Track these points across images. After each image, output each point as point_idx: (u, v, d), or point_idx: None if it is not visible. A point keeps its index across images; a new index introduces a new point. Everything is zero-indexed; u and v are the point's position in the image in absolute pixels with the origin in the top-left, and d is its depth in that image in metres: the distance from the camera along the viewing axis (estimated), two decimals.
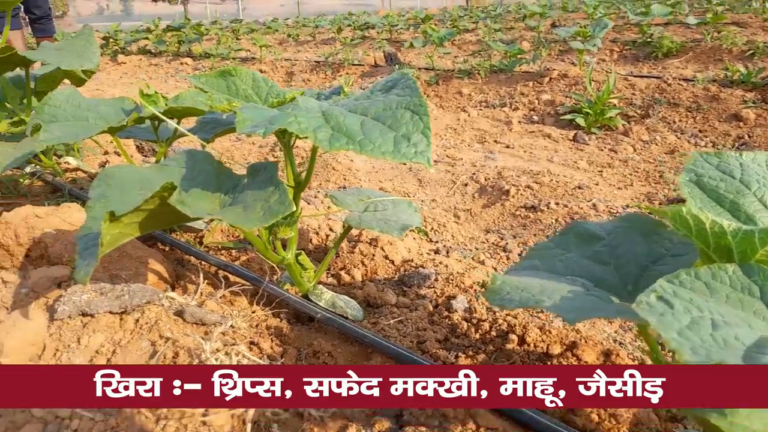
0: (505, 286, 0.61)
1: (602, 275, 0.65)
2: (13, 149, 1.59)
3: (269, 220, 0.74)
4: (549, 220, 1.99)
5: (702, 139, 2.91)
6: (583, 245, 0.70)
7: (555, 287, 0.60)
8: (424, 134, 0.72)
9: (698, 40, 5.19)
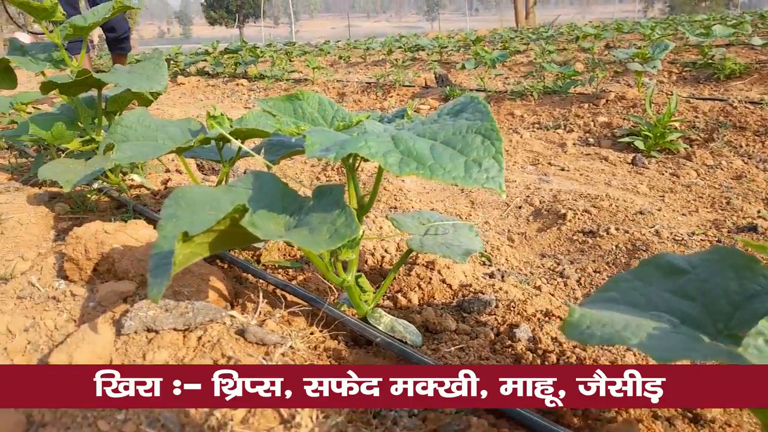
0: (584, 319, 0.58)
1: (689, 311, 0.61)
2: (84, 167, 1.66)
3: (336, 243, 0.74)
4: (609, 246, 1.92)
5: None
6: (666, 278, 0.66)
7: (639, 323, 0.57)
8: (496, 159, 0.70)
9: (764, 62, 4.99)
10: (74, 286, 1.21)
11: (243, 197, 0.88)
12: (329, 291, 1.24)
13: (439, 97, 4.72)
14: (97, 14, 1.65)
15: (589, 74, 5.77)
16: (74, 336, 0.92)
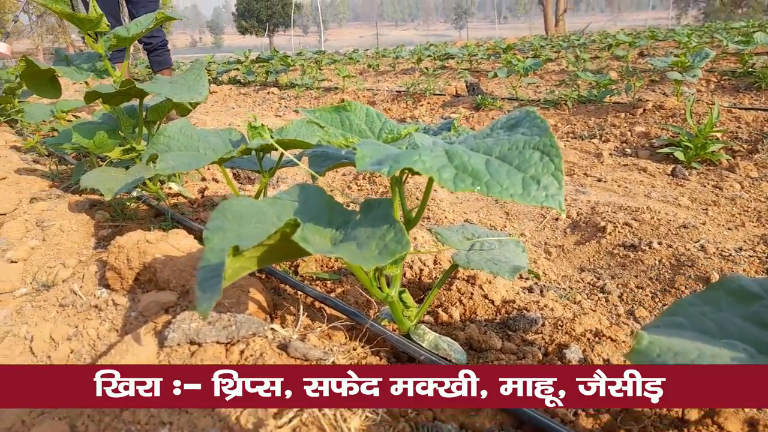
0: (653, 347, 0.55)
1: (765, 340, 0.57)
2: (124, 175, 1.68)
3: (386, 258, 0.72)
4: (651, 261, 1.86)
5: None
6: (738, 304, 0.62)
7: (714, 353, 0.53)
8: (555, 176, 0.67)
9: None
10: (116, 295, 1.21)
11: (289, 210, 0.87)
12: (368, 304, 1.22)
13: (470, 106, 4.68)
14: (140, 25, 1.67)
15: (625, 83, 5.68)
16: (118, 347, 0.92)
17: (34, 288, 1.49)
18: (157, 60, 4.43)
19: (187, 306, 1.10)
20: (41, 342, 1.15)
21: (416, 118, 4.81)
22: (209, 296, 0.70)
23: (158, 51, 4.41)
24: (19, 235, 1.74)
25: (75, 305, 1.25)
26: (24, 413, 0.88)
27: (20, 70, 1.64)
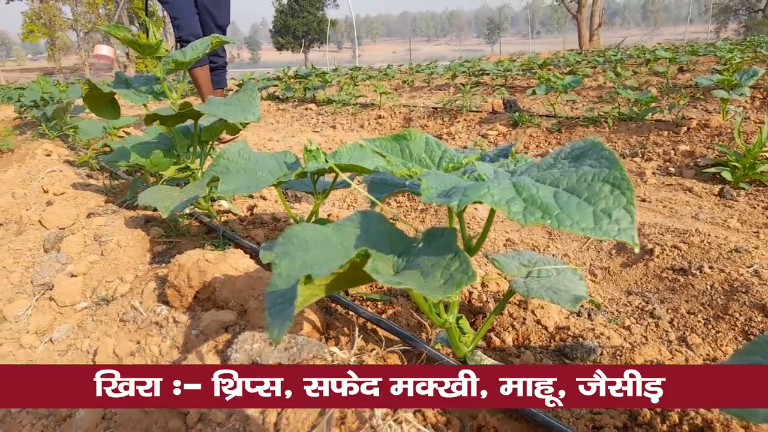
0: None
1: None
2: (179, 193, 1.74)
3: (453, 289, 0.73)
4: (703, 285, 1.82)
5: None
6: None
7: None
8: (627, 210, 0.68)
9: None
10: (176, 312, 1.25)
11: (352, 237, 0.89)
12: (420, 326, 1.23)
13: (507, 123, 4.67)
14: (196, 49, 1.74)
15: (666, 99, 5.57)
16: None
17: (93, 302, 1.55)
18: (216, 80, 4.48)
19: (246, 325, 1.13)
20: (105, 357, 1.20)
21: (453, 135, 4.82)
22: (280, 322, 0.72)
23: (219, 71, 4.46)
24: (78, 249, 1.81)
25: (136, 321, 1.30)
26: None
27: (83, 93, 1.72)
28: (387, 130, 5.62)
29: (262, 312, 1.15)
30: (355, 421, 0.82)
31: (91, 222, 1.96)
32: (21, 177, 3.60)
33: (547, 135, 4.23)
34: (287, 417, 0.85)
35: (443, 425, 0.85)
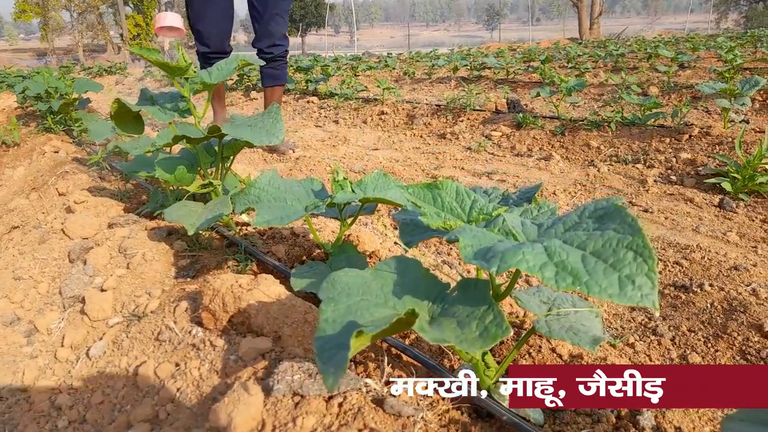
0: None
1: None
2: (203, 210, 1.81)
3: (489, 343, 0.80)
4: (703, 303, 1.90)
5: None
6: None
7: None
8: (649, 277, 0.75)
9: None
10: (211, 335, 1.33)
11: (389, 282, 0.96)
12: (442, 352, 1.31)
13: (510, 124, 4.73)
14: (222, 70, 1.79)
15: (668, 99, 5.63)
16: (230, 396, 1.03)
17: (125, 317, 1.62)
18: (273, 74, 3.76)
19: (281, 352, 1.21)
20: (145, 377, 1.27)
21: (456, 135, 4.88)
22: (334, 371, 0.79)
23: (277, 62, 3.76)
24: (104, 261, 1.88)
25: (172, 341, 1.37)
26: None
27: (112, 111, 1.77)
28: (390, 127, 5.66)
29: (296, 339, 1.23)
30: None
31: (114, 233, 2.02)
32: (32, 176, 3.65)
33: (550, 138, 4.29)
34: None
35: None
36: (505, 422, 1.00)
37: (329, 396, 1.03)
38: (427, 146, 4.74)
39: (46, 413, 1.33)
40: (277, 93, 3.97)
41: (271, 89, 3.90)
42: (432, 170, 3.87)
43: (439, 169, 3.90)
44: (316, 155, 4.50)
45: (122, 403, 1.25)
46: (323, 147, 4.95)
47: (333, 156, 4.46)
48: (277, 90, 3.92)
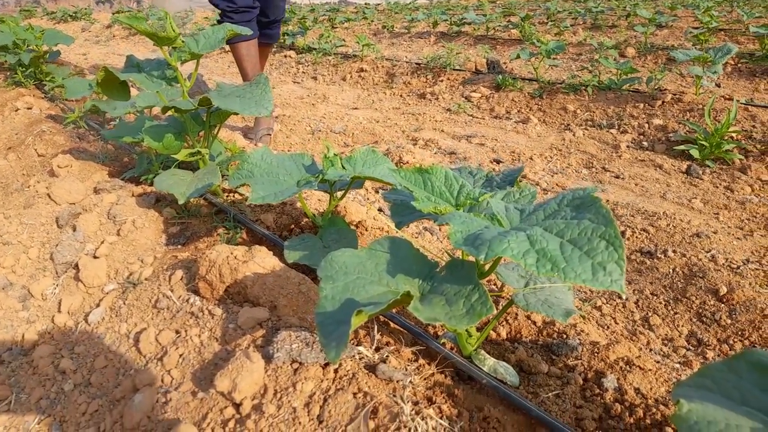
0: (692, 415, 0.73)
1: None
2: (192, 178, 1.84)
3: (474, 320, 0.89)
4: (666, 269, 2.04)
5: None
6: (757, 375, 0.80)
7: (738, 422, 0.72)
8: (618, 264, 0.84)
9: None
10: (209, 304, 1.40)
11: (383, 262, 1.04)
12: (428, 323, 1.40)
13: (490, 85, 4.76)
14: (209, 39, 1.79)
15: (643, 61, 5.71)
16: (234, 363, 1.11)
17: (119, 284, 1.67)
18: (267, 33, 3.67)
19: (277, 321, 1.29)
20: (147, 344, 1.35)
21: (436, 95, 4.89)
22: (336, 345, 0.87)
23: (274, 24, 3.67)
24: (93, 228, 1.91)
25: (170, 309, 1.44)
26: None
27: (98, 78, 1.77)
28: (369, 85, 5.63)
29: (291, 308, 1.31)
30: (386, 415, 1.00)
31: (102, 199, 2.05)
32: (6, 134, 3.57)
33: (528, 100, 4.35)
34: (329, 410, 1.02)
35: (456, 417, 1.04)
36: (485, 385, 1.11)
37: (325, 363, 1.12)
38: (407, 106, 4.76)
39: (51, 377, 1.40)
40: (266, 52, 3.87)
41: (262, 46, 3.75)
42: (412, 132, 3.92)
43: (419, 131, 3.94)
44: (296, 114, 4.49)
45: (126, 368, 1.32)
46: (302, 105, 4.92)
47: (313, 115, 4.45)
48: (265, 49, 3.81)
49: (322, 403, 1.04)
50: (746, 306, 1.76)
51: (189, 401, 1.14)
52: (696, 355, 1.61)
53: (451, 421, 1.03)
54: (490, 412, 1.06)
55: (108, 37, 11.41)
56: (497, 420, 1.04)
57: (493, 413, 1.05)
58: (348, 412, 1.02)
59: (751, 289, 1.85)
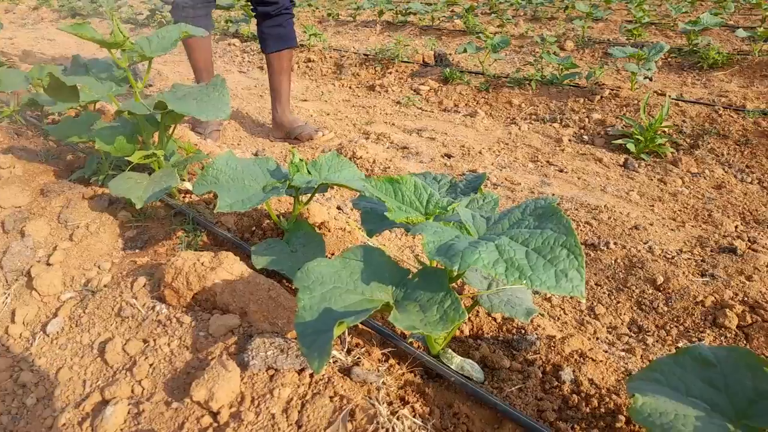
0: (646, 407, 0.82)
1: (716, 400, 0.85)
2: (148, 182, 1.81)
3: (448, 326, 0.95)
4: (608, 260, 2.19)
5: (749, 175, 3.05)
6: (699, 368, 0.90)
7: (684, 411, 0.81)
8: (578, 272, 0.92)
9: (746, 53, 5.24)
10: (176, 312, 1.40)
11: (357, 270, 1.08)
12: None
13: (438, 78, 4.84)
14: (162, 40, 1.75)
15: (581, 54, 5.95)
16: (210, 372, 1.13)
17: (77, 292, 1.63)
18: (276, 33, 3.03)
19: (249, 328, 1.31)
20: (114, 354, 1.33)
21: (385, 87, 4.93)
22: (318, 356, 0.91)
23: (281, 18, 3.03)
24: (44, 233, 1.85)
25: (135, 318, 1.43)
26: None
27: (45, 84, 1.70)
28: (318, 76, 5.60)
29: (261, 314, 1.32)
30: (363, 417, 1.05)
31: (50, 202, 1.98)
32: None
33: (475, 93, 4.47)
34: (308, 415, 1.06)
35: (428, 414, 1.10)
36: (453, 382, 1.18)
37: (301, 368, 1.15)
38: (357, 98, 4.78)
39: (10, 391, 1.37)
40: (286, 60, 3.22)
41: (278, 55, 3.14)
42: (363, 125, 3.95)
43: (370, 125, 3.97)
44: (244, 106, 4.42)
45: (93, 380, 1.31)
46: (251, 97, 4.85)
47: (262, 108, 4.39)
48: (285, 55, 3.18)
49: (300, 408, 1.08)
50: (681, 294, 1.92)
51: (163, 411, 1.15)
52: (638, 342, 1.74)
53: (424, 419, 1.09)
54: (460, 408, 1.12)
55: (36, 20, 10.74)
56: (466, 416, 1.11)
57: (463, 409, 1.12)
58: (326, 416, 1.06)
59: (685, 278, 2.01)
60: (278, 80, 3.36)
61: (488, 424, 1.10)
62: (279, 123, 3.55)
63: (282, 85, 3.37)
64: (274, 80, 3.38)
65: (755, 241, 2.27)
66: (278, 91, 3.40)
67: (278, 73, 3.33)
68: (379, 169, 3.05)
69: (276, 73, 3.35)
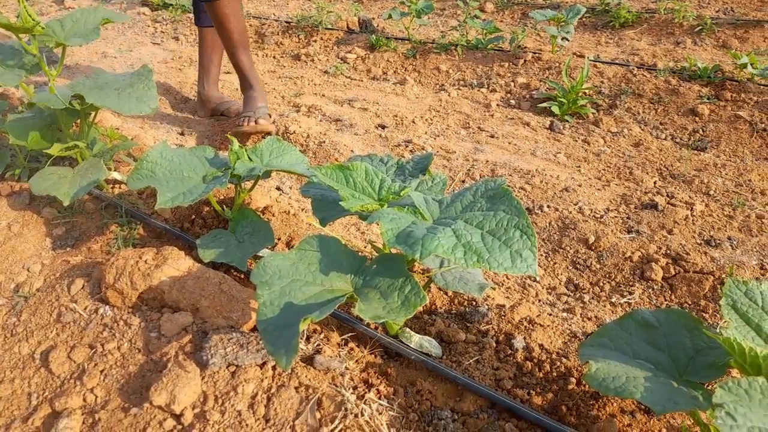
0: (600, 373, 0.88)
1: (660, 360, 0.93)
2: (73, 175, 1.70)
3: (411, 311, 0.97)
4: (543, 223, 2.29)
5: (663, 132, 3.26)
6: (642, 331, 0.98)
7: (634, 374, 0.88)
8: (531, 251, 0.96)
9: (653, 11, 5.51)
10: (122, 313, 1.34)
11: (315, 261, 1.07)
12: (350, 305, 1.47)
13: (364, 45, 4.78)
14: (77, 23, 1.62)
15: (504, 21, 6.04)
16: (168, 375, 1.10)
17: (7, 299, 1.52)
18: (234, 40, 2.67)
19: (202, 324, 1.28)
20: (59, 363, 1.27)
21: (311, 56, 4.82)
22: (285, 352, 0.91)
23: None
24: None
25: (78, 323, 1.36)
26: None
27: None
28: None
29: (214, 309, 1.29)
30: (331, 405, 1.07)
31: None
32: None
33: (403, 61, 4.45)
34: (275, 408, 1.06)
35: (393, 395, 1.13)
36: (413, 360, 1.21)
37: (263, 362, 1.14)
38: (283, 69, 4.64)
39: None
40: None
41: (213, 30, 2.86)
42: (293, 98, 3.85)
43: (299, 97, 3.88)
44: (163, 80, 4.18)
45: (39, 392, 1.24)
46: (168, 70, 4.59)
47: (183, 81, 4.18)
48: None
49: (266, 403, 1.08)
50: (611, 251, 2.05)
51: (122, 419, 1.11)
52: (575, 300, 1.86)
53: (389, 400, 1.12)
54: (422, 385, 1.16)
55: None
56: (429, 392, 1.15)
57: (425, 386, 1.16)
58: (294, 408, 1.06)
59: (613, 235, 2.15)
60: (210, 56, 3.20)
61: (450, 398, 1.15)
62: (205, 99, 3.40)
63: (213, 62, 3.21)
64: (206, 56, 3.22)
65: (673, 196, 2.44)
66: (208, 68, 3.24)
67: (211, 48, 3.17)
68: (315, 143, 3.00)
69: (209, 48, 3.17)
